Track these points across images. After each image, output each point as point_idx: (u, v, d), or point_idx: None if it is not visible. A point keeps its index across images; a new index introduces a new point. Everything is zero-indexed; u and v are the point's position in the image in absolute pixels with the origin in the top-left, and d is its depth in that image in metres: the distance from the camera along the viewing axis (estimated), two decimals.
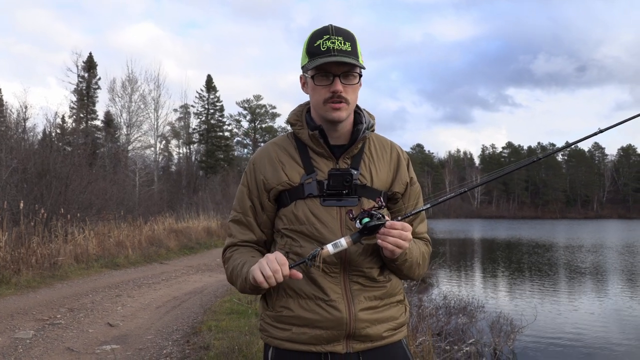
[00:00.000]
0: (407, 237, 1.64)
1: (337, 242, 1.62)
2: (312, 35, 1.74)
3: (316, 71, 1.71)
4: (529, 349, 8.30)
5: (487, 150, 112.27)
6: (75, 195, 14.61)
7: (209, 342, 5.66)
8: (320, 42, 1.70)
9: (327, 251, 1.61)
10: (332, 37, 1.70)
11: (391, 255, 1.66)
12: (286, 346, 1.72)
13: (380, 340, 1.74)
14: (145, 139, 40.47)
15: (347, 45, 1.70)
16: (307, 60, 1.74)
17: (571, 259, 21.41)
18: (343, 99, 1.71)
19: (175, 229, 19.28)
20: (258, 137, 71.28)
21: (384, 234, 1.62)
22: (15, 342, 5.76)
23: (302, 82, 1.83)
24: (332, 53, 1.68)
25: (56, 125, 25.35)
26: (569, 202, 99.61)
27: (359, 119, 1.82)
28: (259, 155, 1.86)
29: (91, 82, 46.88)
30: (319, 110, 1.76)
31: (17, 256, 9.71)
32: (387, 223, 1.62)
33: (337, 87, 1.70)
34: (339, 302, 1.68)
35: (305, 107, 1.87)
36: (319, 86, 1.72)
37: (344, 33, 1.72)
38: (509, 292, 13.84)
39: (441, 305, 10.18)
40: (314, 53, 1.71)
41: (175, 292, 9.32)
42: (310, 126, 1.79)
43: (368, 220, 1.62)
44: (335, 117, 1.73)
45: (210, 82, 61.79)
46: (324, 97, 1.72)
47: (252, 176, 1.84)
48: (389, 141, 1.92)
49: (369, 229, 1.62)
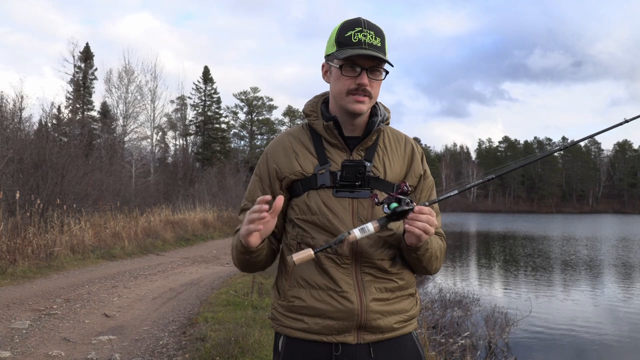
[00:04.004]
0: (433, 223, 1.63)
1: (364, 227, 1.60)
2: (343, 25, 1.72)
3: (344, 62, 1.70)
4: (524, 342, 8.36)
5: (484, 144, 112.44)
6: (71, 186, 14.56)
7: (205, 333, 5.67)
8: (352, 33, 1.69)
9: (354, 236, 1.59)
10: (364, 30, 1.69)
11: (417, 241, 1.65)
12: (297, 335, 1.73)
13: (390, 331, 1.74)
14: (141, 130, 40.30)
15: (377, 40, 1.70)
16: (335, 49, 1.72)
17: (566, 253, 21.51)
18: (367, 93, 1.71)
19: (171, 220, 19.26)
20: (255, 129, 71.11)
21: (413, 219, 1.60)
22: (12, 332, 5.77)
23: (325, 70, 1.81)
24: (363, 46, 1.67)
25: (52, 116, 25.26)
26: (564, 197, 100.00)
27: (375, 112, 1.82)
28: (272, 145, 1.85)
29: (87, 72, 46.63)
30: (340, 100, 1.74)
31: (13, 246, 9.70)
32: (416, 208, 1.61)
33: (364, 80, 1.69)
34: (350, 293, 1.68)
35: (321, 98, 1.87)
36: (345, 76, 1.71)
37: (375, 28, 1.72)
38: (504, 286, 13.91)
39: (437, 298, 10.24)
40: (344, 43, 1.69)
41: (172, 283, 9.33)
42: (325, 117, 1.79)
43: (397, 205, 1.60)
44: (356, 110, 1.72)
45: (207, 74, 61.51)
46: (348, 88, 1.71)
47: (264, 165, 1.83)
48: (403, 134, 1.91)
49: (398, 213, 1.60)
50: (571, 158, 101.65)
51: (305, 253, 1.58)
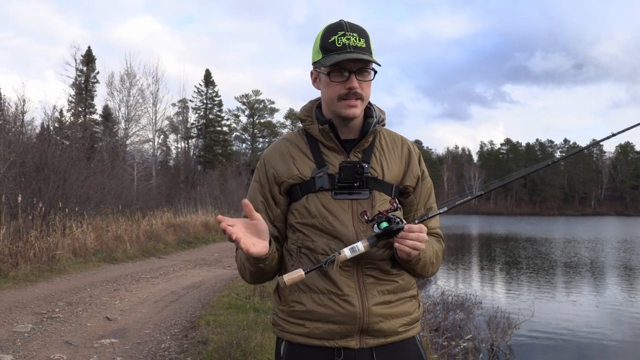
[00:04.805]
0: (423, 239, 1.64)
1: (355, 247, 1.62)
2: (326, 31, 1.72)
3: (332, 68, 1.69)
4: (526, 345, 8.33)
5: (486, 146, 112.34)
6: (73, 189, 14.58)
7: (207, 336, 5.66)
8: (335, 38, 1.68)
9: (344, 256, 1.61)
10: (346, 33, 1.69)
11: (407, 257, 1.66)
12: (299, 340, 1.72)
13: (394, 335, 1.73)
14: (143, 133, 40.42)
15: (361, 41, 1.69)
16: (320, 56, 1.72)
17: (568, 256, 21.46)
18: (358, 96, 1.71)
19: (173, 223, 19.26)
20: (256, 132, 71.19)
21: (403, 238, 1.62)
22: (14, 335, 5.77)
23: (314, 78, 1.81)
24: (348, 50, 1.67)
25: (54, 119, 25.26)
26: (566, 199, 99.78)
27: (369, 113, 1.82)
28: (269, 151, 1.86)
29: (89, 76, 46.79)
30: (332, 106, 1.75)
31: (15, 250, 9.70)
32: (405, 227, 1.62)
33: (353, 84, 1.69)
34: (352, 296, 1.68)
35: (315, 102, 1.87)
36: (335, 82, 1.71)
37: (358, 29, 1.71)
38: (506, 289, 13.88)
39: (439, 301, 10.23)
40: (329, 49, 1.69)
41: (173, 286, 9.33)
42: (320, 121, 1.79)
43: (387, 224, 1.61)
44: (350, 114, 1.72)
45: (208, 77, 61.63)
46: (339, 94, 1.71)
47: (262, 170, 1.83)
48: (399, 136, 1.91)
49: (388, 233, 1.62)
50: (573, 160, 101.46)
51: (295, 274, 1.59)
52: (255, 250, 1.60)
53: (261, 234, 1.63)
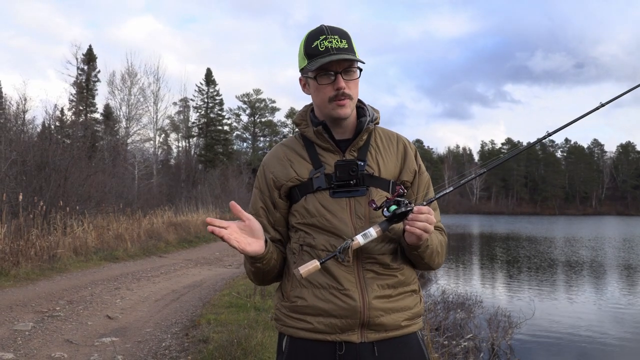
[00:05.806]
0: (432, 221, 1.66)
1: (367, 233, 1.64)
2: (308, 37, 1.77)
3: (318, 71, 1.74)
4: (527, 345, 8.33)
5: (487, 146, 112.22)
6: (74, 188, 14.60)
7: (207, 335, 5.67)
8: (317, 43, 1.74)
9: (357, 242, 1.63)
10: (328, 36, 1.74)
11: (417, 240, 1.67)
12: (301, 335, 1.74)
13: (395, 330, 1.74)
14: (144, 132, 40.42)
15: (343, 42, 1.74)
16: (306, 62, 1.76)
17: (569, 255, 21.46)
18: (347, 95, 1.75)
19: (174, 222, 19.29)
20: (257, 131, 71.25)
21: (413, 219, 1.63)
22: (15, 333, 5.78)
23: (303, 84, 1.86)
24: (332, 52, 1.72)
25: (55, 118, 25.29)
26: (567, 199, 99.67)
27: (362, 113, 1.86)
28: (268, 157, 1.91)
29: (90, 74, 46.73)
30: (323, 109, 1.79)
31: (16, 248, 9.71)
32: (415, 208, 1.64)
33: (340, 84, 1.73)
34: (352, 290, 1.70)
35: (310, 107, 1.91)
36: (323, 85, 1.75)
37: (338, 31, 1.76)
38: (506, 288, 13.88)
39: (439, 300, 10.22)
40: (312, 54, 1.74)
41: (174, 285, 9.34)
42: (314, 123, 1.83)
43: (396, 207, 1.63)
44: (341, 114, 1.77)
45: (209, 76, 61.66)
46: (329, 96, 1.75)
47: (262, 177, 1.89)
48: (395, 133, 1.94)
49: (398, 215, 1.63)
50: (574, 160, 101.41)
51: (311, 264, 1.60)
52: (251, 249, 1.69)
53: (256, 234, 1.70)
